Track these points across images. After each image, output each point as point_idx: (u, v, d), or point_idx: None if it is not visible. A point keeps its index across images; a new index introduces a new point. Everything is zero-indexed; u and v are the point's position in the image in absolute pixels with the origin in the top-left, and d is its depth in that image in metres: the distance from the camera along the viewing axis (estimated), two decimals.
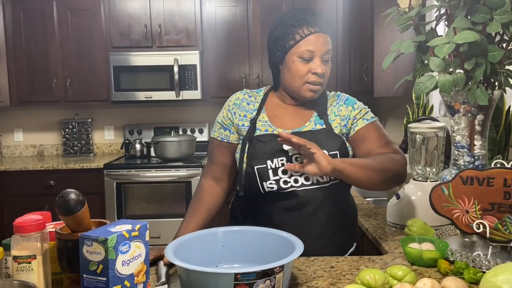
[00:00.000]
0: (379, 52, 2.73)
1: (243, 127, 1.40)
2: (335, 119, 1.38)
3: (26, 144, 4.18)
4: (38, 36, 3.73)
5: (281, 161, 1.32)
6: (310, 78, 1.32)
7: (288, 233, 1.12)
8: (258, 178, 1.33)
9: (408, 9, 1.25)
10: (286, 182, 1.31)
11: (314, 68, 1.31)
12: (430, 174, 1.51)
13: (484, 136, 1.27)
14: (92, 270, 0.87)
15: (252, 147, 1.35)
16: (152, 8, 3.71)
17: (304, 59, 1.31)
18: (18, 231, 0.94)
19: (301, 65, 1.32)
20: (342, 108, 1.40)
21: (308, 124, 1.38)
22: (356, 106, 1.40)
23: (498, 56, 1.13)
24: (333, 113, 1.39)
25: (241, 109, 1.42)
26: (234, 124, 1.41)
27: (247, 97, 1.44)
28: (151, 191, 3.52)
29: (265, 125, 1.38)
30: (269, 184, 1.32)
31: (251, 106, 1.42)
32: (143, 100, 3.74)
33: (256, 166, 1.33)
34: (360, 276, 1.00)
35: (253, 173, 1.33)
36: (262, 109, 1.41)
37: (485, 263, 1.09)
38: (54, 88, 3.76)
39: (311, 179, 1.32)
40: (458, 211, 1.16)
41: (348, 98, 1.43)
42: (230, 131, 1.42)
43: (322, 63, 1.32)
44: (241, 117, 1.41)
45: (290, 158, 1.31)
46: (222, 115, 1.45)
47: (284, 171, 1.32)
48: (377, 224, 1.60)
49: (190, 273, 0.94)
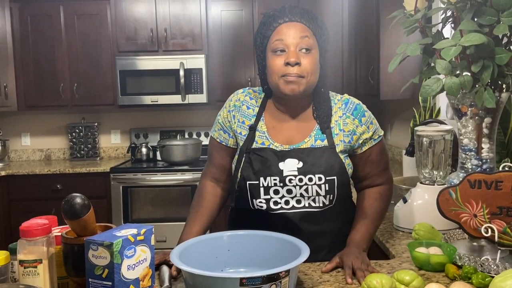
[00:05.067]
0: (385, 55, 2.72)
1: (240, 135, 1.35)
2: (339, 134, 1.30)
3: (33, 148, 4.21)
4: (45, 41, 3.76)
5: (274, 180, 1.27)
6: (286, 70, 1.23)
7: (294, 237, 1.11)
8: (249, 194, 1.29)
9: (414, 11, 1.25)
10: (276, 203, 1.27)
11: (286, 59, 1.23)
12: (437, 178, 1.50)
13: (492, 139, 1.25)
14: (97, 275, 0.87)
15: (248, 159, 1.30)
16: (158, 13, 3.73)
17: (278, 52, 1.24)
18: (24, 236, 0.95)
19: (276, 59, 1.24)
20: (349, 121, 1.31)
21: (308, 140, 1.30)
22: (364, 120, 1.31)
23: (506, 58, 1.12)
24: (337, 126, 1.31)
25: (240, 113, 1.36)
26: (232, 129, 1.36)
27: (248, 99, 1.37)
28: (157, 195, 3.52)
29: (263, 137, 1.32)
30: (258, 202, 1.29)
31: (251, 111, 1.36)
32: (149, 104, 3.75)
33: (248, 182, 1.29)
34: (367, 281, 0.99)
35: (245, 187, 1.30)
36: (261, 116, 1.35)
37: (494, 267, 1.08)
38: (61, 92, 3.79)
39: (302, 202, 1.27)
40: (466, 215, 1.15)
41: (356, 107, 1.32)
42: (229, 135, 1.38)
43: (300, 53, 1.23)
44: (239, 123, 1.35)
45: (284, 178, 1.26)
46: (223, 114, 1.39)
47: (276, 191, 1.27)
48: (384, 228, 1.59)
49: (195, 277, 0.94)
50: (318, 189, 1.26)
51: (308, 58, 1.24)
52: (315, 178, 1.26)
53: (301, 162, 1.27)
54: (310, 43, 1.25)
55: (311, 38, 1.25)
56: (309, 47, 1.24)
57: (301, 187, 1.26)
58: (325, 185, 1.26)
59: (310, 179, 1.26)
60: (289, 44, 1.23)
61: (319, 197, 1.27)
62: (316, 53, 1.27)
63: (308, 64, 1.24)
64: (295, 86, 1.23)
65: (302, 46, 1.24)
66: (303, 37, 1.24)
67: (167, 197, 3.52)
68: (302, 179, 1.26)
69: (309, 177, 1.26)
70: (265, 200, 1.28)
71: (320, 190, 1.26)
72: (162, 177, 3.51)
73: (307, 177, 1.26)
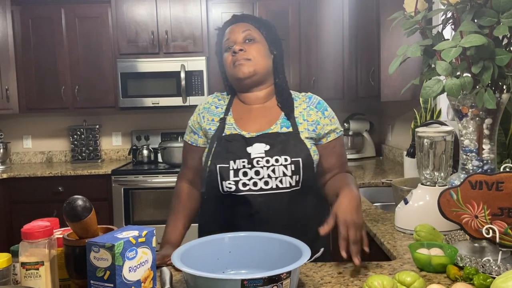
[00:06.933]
0: (385, 57, 2.73)
1: (210, 130, 1.45)
2: (303, 123, 1.41)
3: (35, 151, 4.21)
4: (46, 44, 3.77)
5: (242, 162, 1.34)
6: (234, 58, 1.40)
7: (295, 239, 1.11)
8: (219, 177, 1.35)
9: (414, 13, 1.25)
10: (244, 184, 1.33)
11: (233, 49, 1.41)
12: (438, 179, 1.50)
13: (492, 140, 1.25)
14: (99, 277, 0.87)
15: (219, 146, 1.39)
16: (159, 15, 3.74)
17: (228, 49, 1.43)
18: (26, 238, 0.95)
19: (227, 55, 1.44)
20: (312, 113, 1.43)
21: (274, 126, 1.40)
22: (326, 114, 1.44)
23: (506, 60, 1.12)
24: (301, 116, 1.42)
25: (210, 113, 1.48)
26: (202, 128, 1.47)
27: (216, 101, 1.51)
28: (159, 197, 3.52)
29: (231, 128, 1.42)
30: (228, 184, 1.33)
31: (219, 109, 1.48)
32: (150, 106, 3.76)
33: (218, 165, 1.35)
34: (368, 282, 0.99)
35: (215, 171, 1.36)
36: (229, 111, 1.46)
37: (495, 268, 1.08)
38: (62, 95, 3.80)
39: (270, 184, 1.33)
40: (467, 216, 1.15)
41: (320, 102, 1.47)
42: (198, 135, 1.49)
43: (245, 43, 1.41)
44: (209, 121, 1.46)
45: (252, 160, 1.34)
46: (193, 118, 1.52)
47: (245, 173, 1.33)
48: (385, 230, 1.59)
49: (197, 279, 0.94)
50: (285, 169, 1.33)
51: (253, 46, 1.42)
52: (281, 159, 1.34)
53: (268, 145, 1.36)
54: (252, 35, 1.43)
55: (253, 31, 1.44)
56: (252, 38, 1.42)
57: (268, 168, 1.33)
58: (291, 165, 1.33)
59: (276, 160, 1.33)
60: (234, 39, 1.42)
61: (286, 178, 1.33)
62: (262, 42, 1.44)
63: (253, 49, 1.41)
64: (243, 68, 1.39)
65: (245, 38, 1.42)
66: (245, 31, 1.43)
67: (168, 199, 3.47)
68: (269, 160, 1.33)
69: (276, 158, 1.34)
70: (234, 182, 1.33)
71: (287, 171, 1.33)
72: (163, 179, 3.51)
73: (273, 158, 1.34)
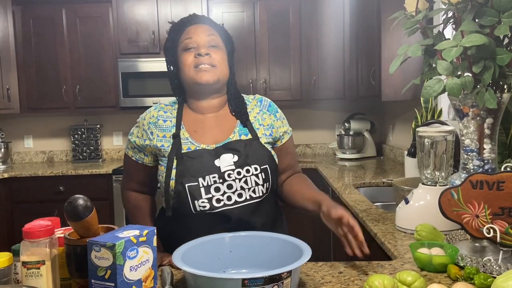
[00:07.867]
0: (386, 56, 2.73)
1: (163, 148, 1.33)
2: (260, 128, 1.38)
3: (36, 150, 4.22)
4: (47, 44, 3.78)
5: (213, 178, 1.27)
6: (197, 61, 1.32)
7: (296, 238, 1.11)
8: (189, 196, 1.26)
9: (415, 12, 1.25)
10: (218, 200, 1.27)
11: (197, 51, 1.33)
12: (439, 179, 1.50)
13: (493, 140, 1.25)
14: (100, 276, 0.87)
15: (181, 165, 1.28)
16: (160, 15, 3.74)
17: (189, 49, 1.34)
18: (27, 237, 0.95)
19: (188, 54, 1.34)
20: (266, 117, 1.41)
21: (233, 136, 1.34)
22: (278, 116, 1.44)
23: (507, 59, 1.12)
24: (257, 121, 1.39)
25: (158, 128, 1.35)
26: (151, 145, 1.35)
27: (162, 113, 1.39)
28: None
29: (187, 143, 1.32)
30: (201, 203, 1.26)
31: (168, 122, 1.36)
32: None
33: (187, 184, 1.26)
34: (369, 282, 0.99)
35: (184, 191, 1.26)
36: (180, 124, 1.36)
37: (496, 268, 1.08)
38: (63, 94, 3.80)
39: (244, 195, 1.29)
40: (467, 215, 1.15)
41: (270, 104, 1.45)
42: (144, 154, 1.38)
43: (209, 48, 1.34)
44: (159, 138, 1.34)
45: (223, 174, 1.27)
46: (136, 133, 1.39)
47: (217, 189, 1.26)
48: (386, 229, 1.59)
49: (197, 278, 0.94)
50: (256, 178, 1.30)
51: (218, 52, 1.35)
52: (252, 169, 1.30)
53: (235, 155, 1.30)
54: (217, 41, 1.37)
55: (217, 38, 1.37)
56: (216, 44, 1.36)
57: (241, 180, 1.28)
58: (261, 173, 1.31)
59: (247, 171, 1.30)
60: (198, 41, 1.34)
61: (258, 187, 1.31)
62: (224, 50, 1.38)
63: (218, 56, 1.35)
64: (208, 74, 1.32)
65: (210, 43, 1.35)
66: (210, 35, 1.36)
67: None
68: (240, 172, 1.29)
69: (246, 168, 1.30)
70: (207, 199, 1.26)
71: (258, 180, 1.31)
72: None
73: (244, 169, 1.29)
